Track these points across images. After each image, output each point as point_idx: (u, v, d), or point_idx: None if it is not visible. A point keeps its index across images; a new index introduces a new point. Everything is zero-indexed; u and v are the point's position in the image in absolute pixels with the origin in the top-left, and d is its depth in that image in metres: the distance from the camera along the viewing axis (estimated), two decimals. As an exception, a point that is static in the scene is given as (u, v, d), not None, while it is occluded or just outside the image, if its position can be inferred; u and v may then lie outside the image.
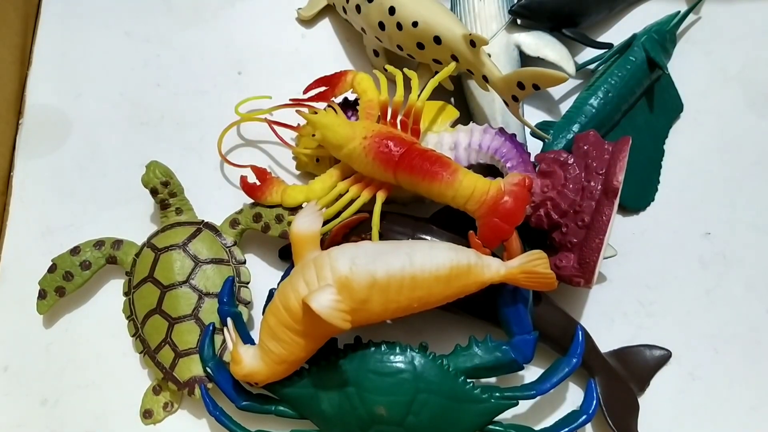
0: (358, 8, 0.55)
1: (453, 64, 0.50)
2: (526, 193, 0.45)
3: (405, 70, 0.51)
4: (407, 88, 0.51)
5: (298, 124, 0.54)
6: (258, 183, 0.52)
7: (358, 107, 0.53)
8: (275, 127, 0.54)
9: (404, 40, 0.53)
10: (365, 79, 0.52)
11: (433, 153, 0.47)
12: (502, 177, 0.50)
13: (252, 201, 0.52)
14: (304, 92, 0.54)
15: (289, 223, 0.50)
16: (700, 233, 0.56)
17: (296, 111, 0.52)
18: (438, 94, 0.52)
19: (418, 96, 0.49)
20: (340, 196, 0.50)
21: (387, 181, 0.49)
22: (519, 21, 0.57)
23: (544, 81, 0.47)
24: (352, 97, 0.55)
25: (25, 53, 0.61)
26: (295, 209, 0.51)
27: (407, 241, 0.49)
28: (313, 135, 0.51)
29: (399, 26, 0.52)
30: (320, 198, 0.50)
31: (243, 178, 0.52)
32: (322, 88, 0.54)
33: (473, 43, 0.49)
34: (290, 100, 0.54)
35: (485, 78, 0.50)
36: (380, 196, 0.49)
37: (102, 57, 0.61)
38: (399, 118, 0.50)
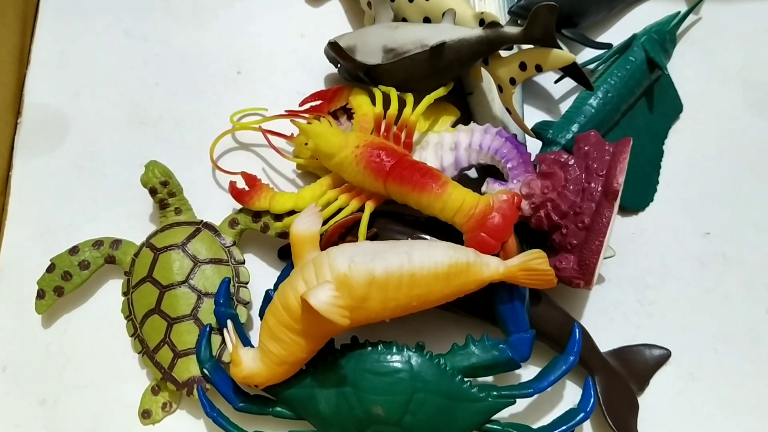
0: None
1: (450, 86, 0.51)
2: (515, 210, 0.45)
3: (400, 93, 0.52)
4: (402, 103, 0.51)
5: (292, 134, 0.55)
6: (247, 188, 0.52)
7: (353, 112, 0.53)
8: (269, 136, 0.54)
9: (412, 13, 0.53)
10: (361, 95, 0.53)
11: (423, 165, 0.47)
12: (503, 177, 0.50)
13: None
14: (300, 105, 0.55)
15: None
16: (699, 233, 0.55)
17: (291, 120, 0.52)
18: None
19: (413, 110, 0.49)
20: (329, 204, 0.50)
21: (377, 192, 0.49)
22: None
23: (550, 61, 0.47)
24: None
25: (24, 53, 0.61)
26: (281, 216, 0.51)
27: (406, 240, 0.49)
28: (306, 144, 0.51)
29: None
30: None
31: (232, 184, 0.52)
32: (318, 102, 0.54)
33: (483, 23, 0.49)
34: (285, 111, 0.54)
35: (485, 61, 0.50)
36: (369, 206, 0.49)
37: (101, 56, 0.60)
38: (392, 131, 0.50)
